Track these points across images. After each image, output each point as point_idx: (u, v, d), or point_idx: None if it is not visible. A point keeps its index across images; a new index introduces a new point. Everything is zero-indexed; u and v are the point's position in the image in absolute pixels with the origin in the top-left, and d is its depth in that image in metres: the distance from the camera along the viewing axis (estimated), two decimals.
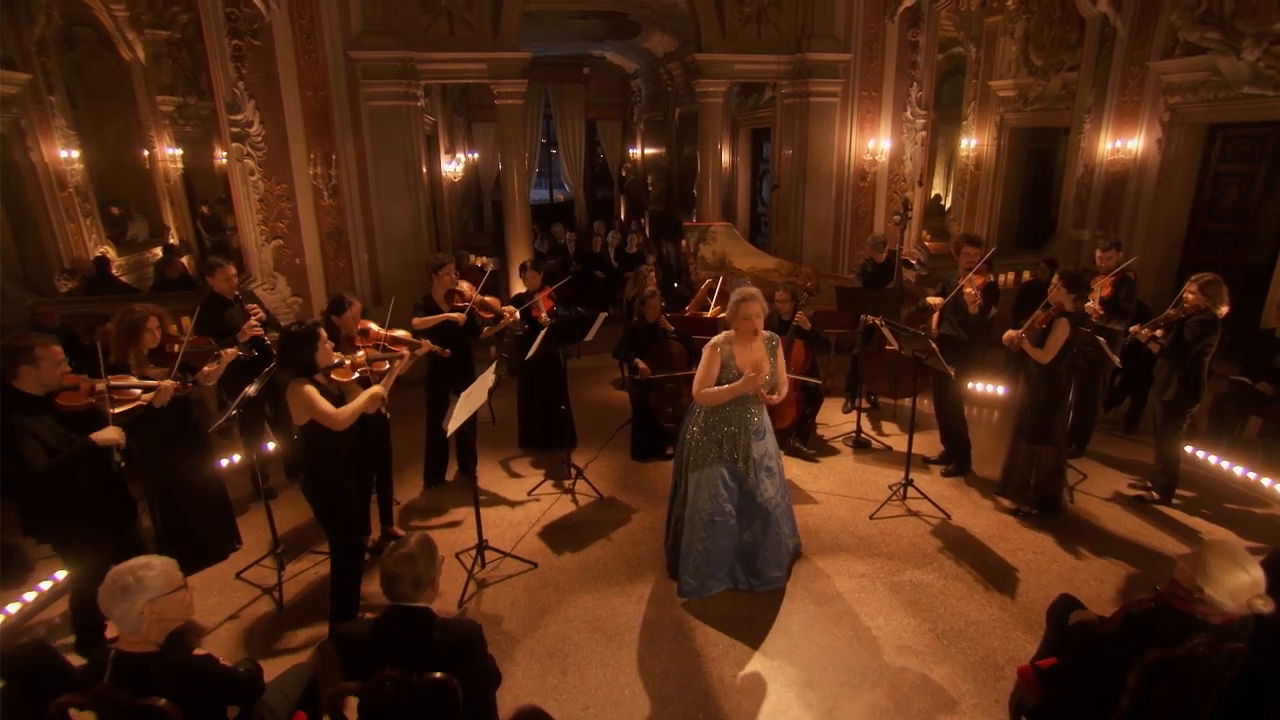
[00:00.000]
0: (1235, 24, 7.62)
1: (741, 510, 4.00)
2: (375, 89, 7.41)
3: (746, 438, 3.90)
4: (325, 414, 3.47)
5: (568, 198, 18.72)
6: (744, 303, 3.73)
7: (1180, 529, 4.85)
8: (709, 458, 3.94)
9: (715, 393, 3.81)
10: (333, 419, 3.49)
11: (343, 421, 3.52)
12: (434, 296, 5.32)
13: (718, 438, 3.93)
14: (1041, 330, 4.63)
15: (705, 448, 3.95)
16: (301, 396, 3.42)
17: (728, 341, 3.85)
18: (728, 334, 3.87)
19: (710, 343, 3.87)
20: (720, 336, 3.88)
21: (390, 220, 7.89)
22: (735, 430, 3.91)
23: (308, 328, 3.56)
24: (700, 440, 3.97)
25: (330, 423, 3.48)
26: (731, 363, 3.82)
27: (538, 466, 5.95)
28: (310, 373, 3.49)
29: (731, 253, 7.94)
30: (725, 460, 3.93)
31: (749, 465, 3.91)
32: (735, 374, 3.79)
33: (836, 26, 8.05)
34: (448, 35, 7.64)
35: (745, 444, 3.90)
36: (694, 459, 3.98)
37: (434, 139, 11.01)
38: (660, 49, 13.76)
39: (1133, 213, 8.81)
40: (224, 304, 5.09)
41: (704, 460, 3.95)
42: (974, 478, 5.63)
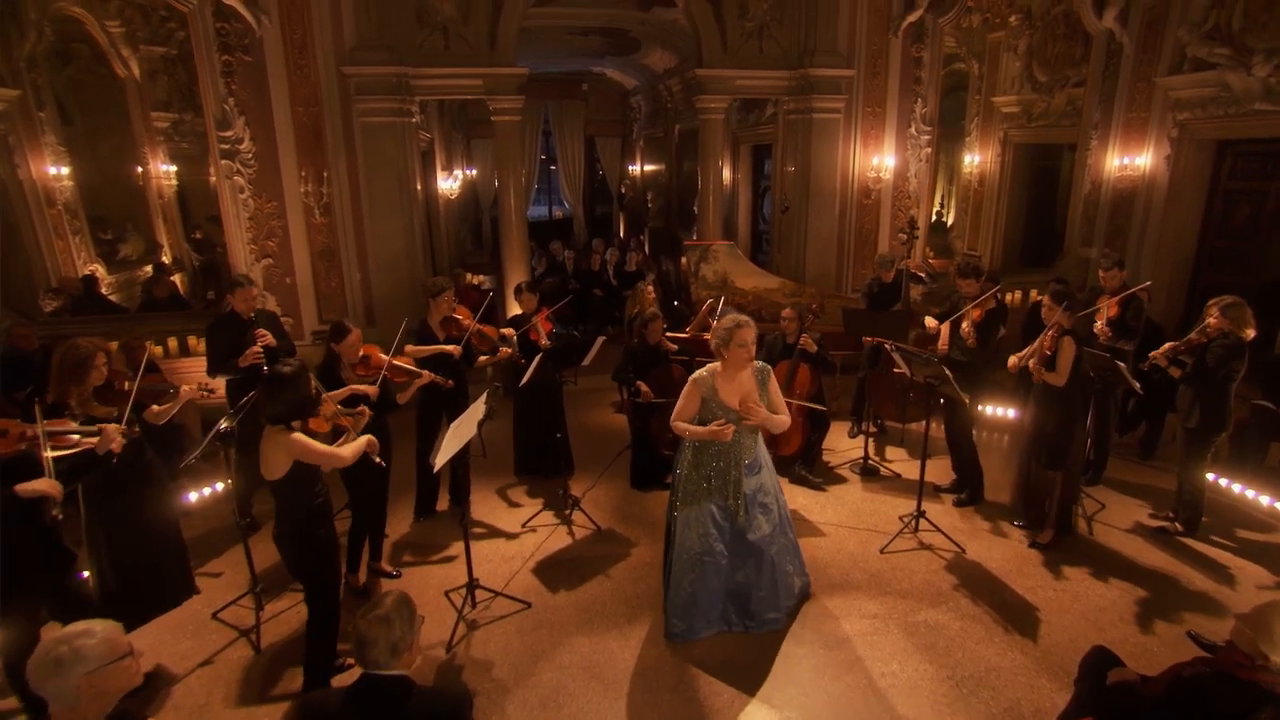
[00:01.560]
0: (1245, 40, 7.48)
1: (734, 550, 3.79)
2: (369, 105, 7.25)
3: (737, 473, 3.70)
4: (329, 455, 3.26)
5: (567, 215, 18.60)
6: (740, 329, 3.53)
7: (1207, 563, 4.61)
8: (697, 494, 3.74)
9: (684, 430, 3.65)
10: (337, 458, 3.28)
11: (349, 458, 3.34)
12: (430, 323, 5.12)
13: (706, 473, 3.73)
14: (1050, 354, 4.43)
15: (694, 483, 3.75)
16: (289, 446, 3.14)
17: (711, 375, 3.65)
18: (713, 367, 3.68)
19: (693, 377, 3.69)
20: (705, 370, 3.69)
21: (383, 238, 7.71)
22: (725, 465, 3.71)
23: (299, 368, 3.26)
24: (689, 475, 3.77)
25: (336, 462, 3.29)
26: (714, 398, 3.63)
27: (534, 495, 5.72)
28: (294, 420, 3.21)
29: (733, 272, 7.75)
30: (715, 497, 3.72)
31: (739, 502, 3.69)
32: (717, 410, 3.61)
33: (839, 42, 7.92)
34: (443, 50, 7.49)
35: (736, 479, 3.69)
36: (683, 495, 3.78)
37: (430, 155, 10.86)
38: (660, 65, 13.67)
39: (1141, 230, 8.63)
40: (238, 324, 4.96)
41: (692, 497, 3.75)
42: (985, 505, 5.41)
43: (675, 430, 3.72)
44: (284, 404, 3.17)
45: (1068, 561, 4.60)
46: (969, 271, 5.19)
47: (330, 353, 4.21)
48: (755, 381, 3.68)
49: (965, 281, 5.18)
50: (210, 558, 4.84)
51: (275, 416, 3.18)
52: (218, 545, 4.96)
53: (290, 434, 3.15)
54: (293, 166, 7.29)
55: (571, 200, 18.03)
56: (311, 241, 7.59)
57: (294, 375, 3.21)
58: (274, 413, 3.18)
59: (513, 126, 8.08)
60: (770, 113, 9.28)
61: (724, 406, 3.61)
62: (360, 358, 4.33)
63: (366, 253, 7.82)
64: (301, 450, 3.16)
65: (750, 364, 3.63)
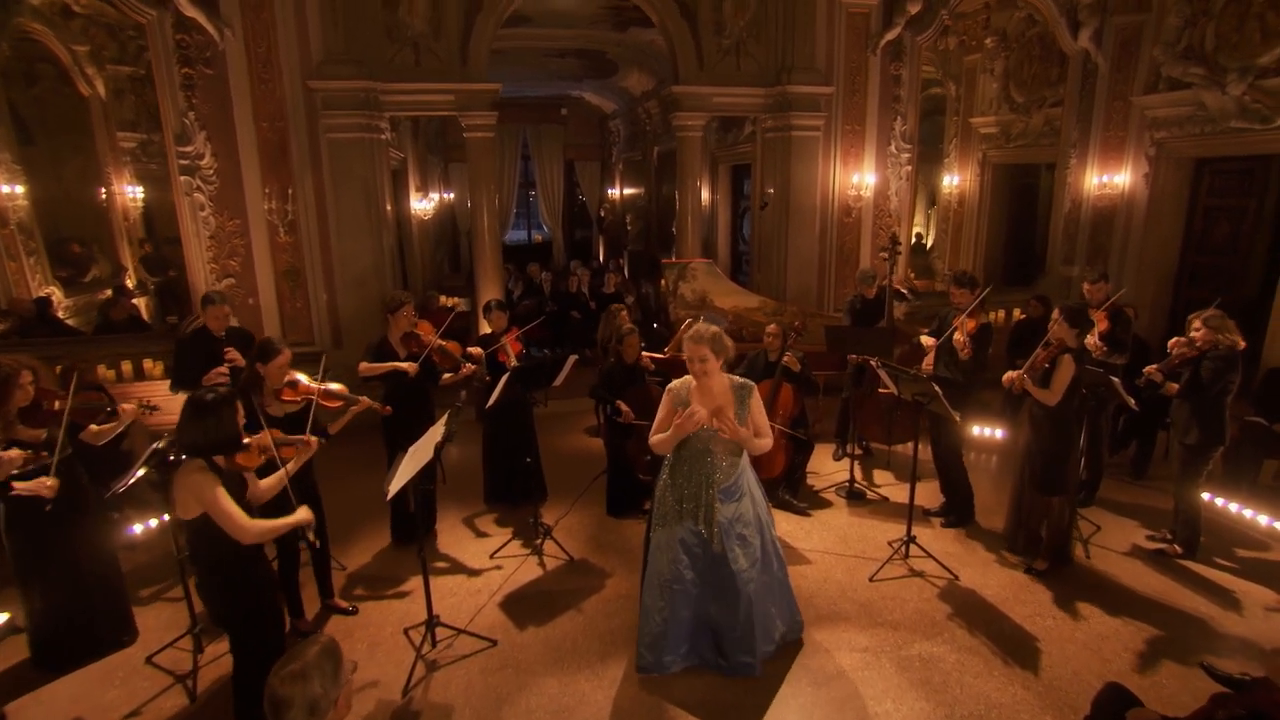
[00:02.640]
0: (1218, 59, 7.51)
1: (706, 579, 3.51)
2: (336, 120, 7.02)
3: (709, 497, 3.44)
4: (233, 523, 2.79)
5: (546, 239, 18.45)
6: (692, 344, 3.32)
7: (1209, 587, 4.41)
8: (670, 516, 3.51)
9: (659, 440, 3.44)
10: (241, 531, 2.81)
11: (252, 537, 2.85)
12: (389, 339, 4.86)
13: (679, 495, 3.50)
14: (1045, 370, 4.24)
15: (668, 504, 3.53)
16: (199, 492, 2.77)
17: (686, 387, 3.45)
18: (689, 378, 3.47)
19: (668, 387, 3.50)
20: (680, 381, 3.49)
21: (350, 257, 7.44)
22: (696, 489, 3.46)
23: (224, 396, 2.88)
24: (663, 496, 3.55)
25: (237, 533, 2.81)
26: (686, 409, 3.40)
27: (504, 524, 5.41)
28: (214, 454, 2.85)
29: (712, 291, 7.56)
30: (687, 521, 3.47)
31: (712, 530, 3.43)
32: None
33: (817, 59, 7.84)
34: (413, 66, 7.31)
35: (708, 504, 3.44)
36: (658, 515, 3.56)
37: (402, 175, 10.65)
38: (638, 88, 13.65)
39: (1122, 248, 8.60)
40: (209, 342, 4.78)
41: (666, 518, 3.52)
42: (977, 530, 5.18)
43: (651, 445, 3.48)
44: (202, 435, 2.80)
45: (1066, 588, 4.37)
46: (964, 281, 5.02)
47: (252, 374, 3.86)
48: (733, 397, 3.44)
49: (959, 291, 5.00)
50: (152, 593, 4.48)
51: (191, 448, 2.82)
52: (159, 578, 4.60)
53: (205, 477, 2.78)
54: (256, 183, 7.03)
55: (551, 224, 17.89)
56: (276, 260, 7.30)
57: (216, 403, 2.83)
58: (189, 443, 2.81)
59: (486, 144, 7.89)
60: (749, 131, 9.19)
61: None
62: (285, 382, 3.98)
63: (333, 272, 7.53)
64: (210, 507, 2.77)
65: (722, 377, 3.40)
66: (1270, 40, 7.11)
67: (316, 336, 7.65)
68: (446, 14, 7.29)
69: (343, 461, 5.13)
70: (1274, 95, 7.07)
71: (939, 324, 5.24)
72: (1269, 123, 7.14)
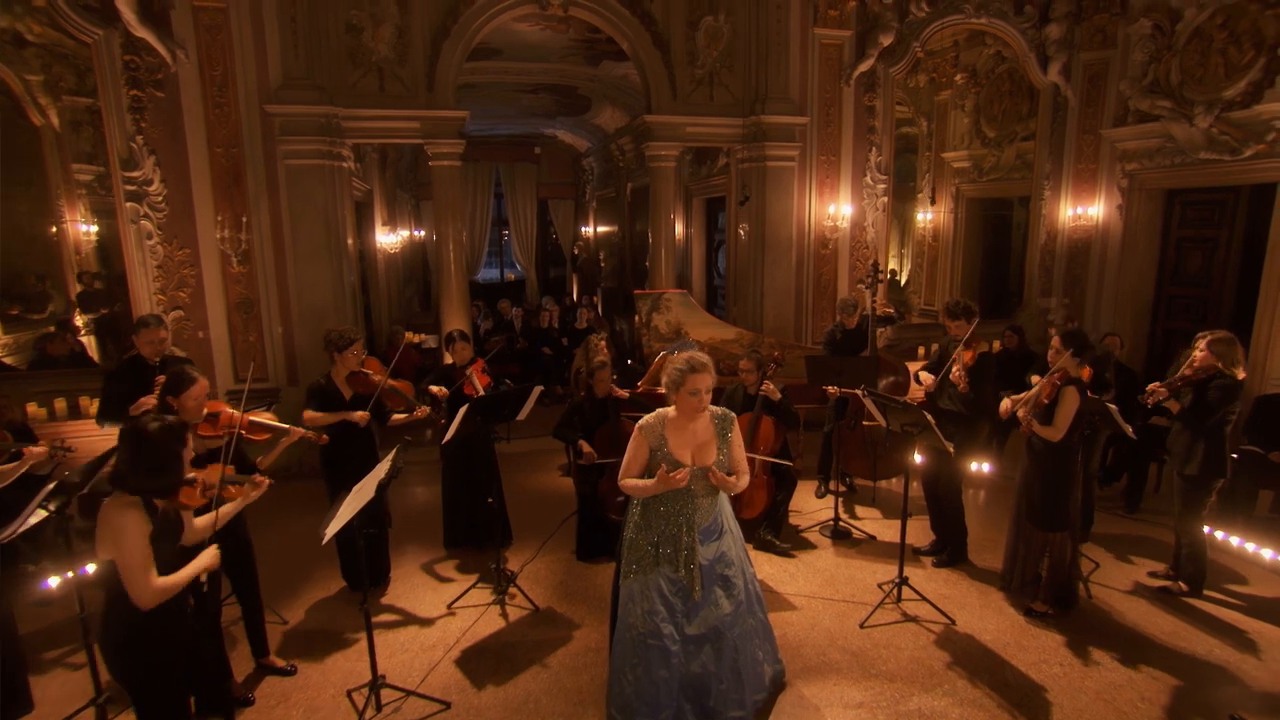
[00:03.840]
0: (1184, 93, 7.57)
1: (686, 631, 3.12)
2: (295, 146, 6.74)
3: (691, 538, 3.09)
4: (137, 581, 2.39)
5: (519, 277, 18.22)
6: (691, 374, 2.96)
7: (1221, 627, 4.13)
8: (645, 562, 3.12)
9: (633, 486, 3.09)
10: (142, 591, 2.40)
11: (152, 598, 2.43)
12: (334, 379, 4.46)
13: (654, 537, 3.12)
14: (1047, 404, 3.99)
15: (640, 549, 3.13)
16: (119, 532, 2.38)
17: (660, 422, 3.09)
18: (663, 412, 3.12)
19: (639, 424, 3.12)
20: (653, 416, 3.12)
21: (308, 288, 7.08)
22: (676, 530, 3.10)
23: (170, 425, 2.53)
24: (635, 539, 3.16)
25: (137, 593, 2.40)
26: (664, 448, 3.06)
27: (465, 571, 4.99)
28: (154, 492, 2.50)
29: (688, 322, 7.30)
30: (664, 567, 3.10)
31: (693, 575, 3.07)
32: (667, 464, 3.02)
33: (791, 89, 7.77)
34: (377, 92, 7.08)
35: (689, 546, 3.08)
36: (628, 562, 3.16)
37: (367, 207, 10.36)
38: (611, 125, 13.61)
39: (1098, 280, 8.55)
40: (141, 370, 4.30)
41: (639, 565, 3.13)
42: (971, 569, 4.89)
43: (623, 488, 3.14)
44: (143, 470, 2.45)
45: (1070, 632, 4.07)
46: (957, 311, 4.79)
47: (167, 409, 3.42)
48: (714, 431, 3.13)
49: (955, 323, 4.77)
50: (56, 656, 3.99)
51: (128, 484, 2.45)
52: (69, 638, 4.11)
53: (132, 518, 2.41)
54: (209, 211, 6.68)
55: (524, 263, 17.69)
56: (228, 292, 6.92)
57: (161, 433, 2.48)
58: (126, 478, 2.45)
59: (452, 173, 7.65)
60: (723, 163, 9.08)
61: (673, 460, 3.05)
62: (205, 416, 3.58)
63: (289, 304, 7.16)
64: (121, 554, 2.38)
65: (706, 411, 3.08)
66: (1234, 74, 7.18)
67: (271, 372, 7.24)
68: (412, 40, 7.10)
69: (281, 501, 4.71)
70: (1241, 127, 7.11)
71: (938, 356, 5.02)
72: (1238, 154, 7.17)
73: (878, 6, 7.71)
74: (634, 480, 3.09)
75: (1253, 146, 7.03)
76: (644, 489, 3.04)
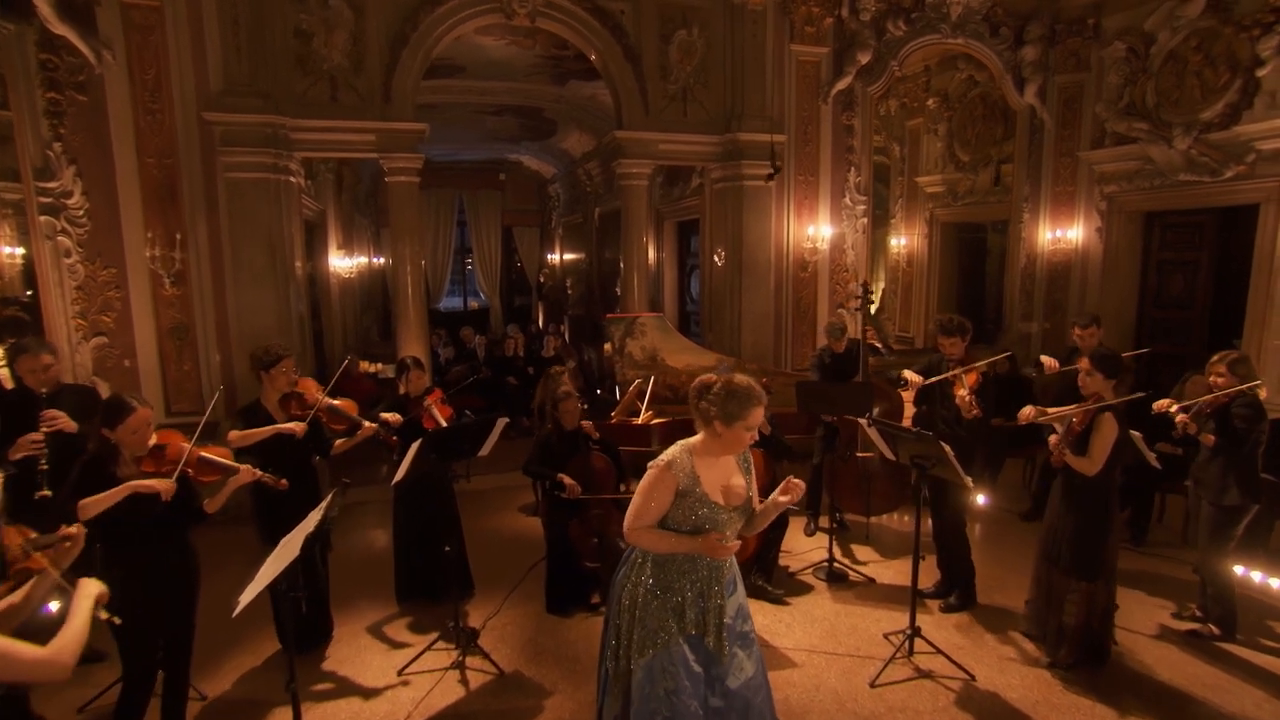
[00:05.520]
0: (1161, 115, 7.49)
1: (711, 704, 2.58)
2: (237, 158, 6.18)
3: (720, 593, 2.57)
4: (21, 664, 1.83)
5: (483, 305, 17.67)
6: (757, 406, 2.46)
7: (1265, 677, 3.75)
8: (665, 631, 2.54)
9: (655, 540, 2.52)
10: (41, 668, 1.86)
11: (62, 666, 1.88)
12: (263, 403, 3.93)
13: (678, 600, 2.55)
14: (1080, 433, 3.61)
15: (659, 615, 2.54)
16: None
17: (689, 456, 2.52)
18: (688, 445, 2.56)
19: (662, 461, 2.51)
20: (678, 450, 2.53)
21: (250, 311, 6.47)
22: (704, 586, 2.56)
23: None
24: (650, 603, 2.56)
25: (38, 673, 1.88)
26: (696, 488, 2.50)
27: (420, 629, 4.39)
28: None
29: (664, 348, 6.86)
30: (688, 632, 2.55)
31: (721, 639, 2.54)
32: (699, 507, 2.49)
33: (768, 107, 7.48)
34: (329, 101, 6.58)
35: (718, 606, 2.56)
36: (642, 633, 2.55)
37: (320, 228, 9.78)
38: (578, 149, 13.29)
39: (1079, 302, 8.36)
40: (25, 402, 3.73)
41: (657, 635, 2.53)
42: (982, 612, 4.46)
43: (635, 541, 2.57)
44: None
45: (1103, 689, 3.64)
46: (952, 328, 4.43)
47: (103, 443, 2.93)
48: (737, 463, 2.64)
49: (949, 340, 4.41)
50: None
51: None
52: None
53: None
54: (138, 227, 6.06)
55: (488, 291, 17.16)
56: (160, 316, 6.27)
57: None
58: None
59: (409, 190, 7.15)
60: (696, 184, 8.76)
61: (708, 501, 2.51)
62: (151, 449, 3.06)
63: (229, 330, 6.53)
64: None
65: None
66: (1210, 96, 7.12)
67: (207, 404, 6.57)
68: (368, 48, 6.64)
69: (217, 547, 4.08)
70: (1220, 148, 7.02)
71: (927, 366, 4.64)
72: (1218, 175, 7.07)
73: (855, 24, 7.51)
74: (654, 533, 2.53)
75: (1233, 168, 6.94)
76: (675, 544, 2.50)
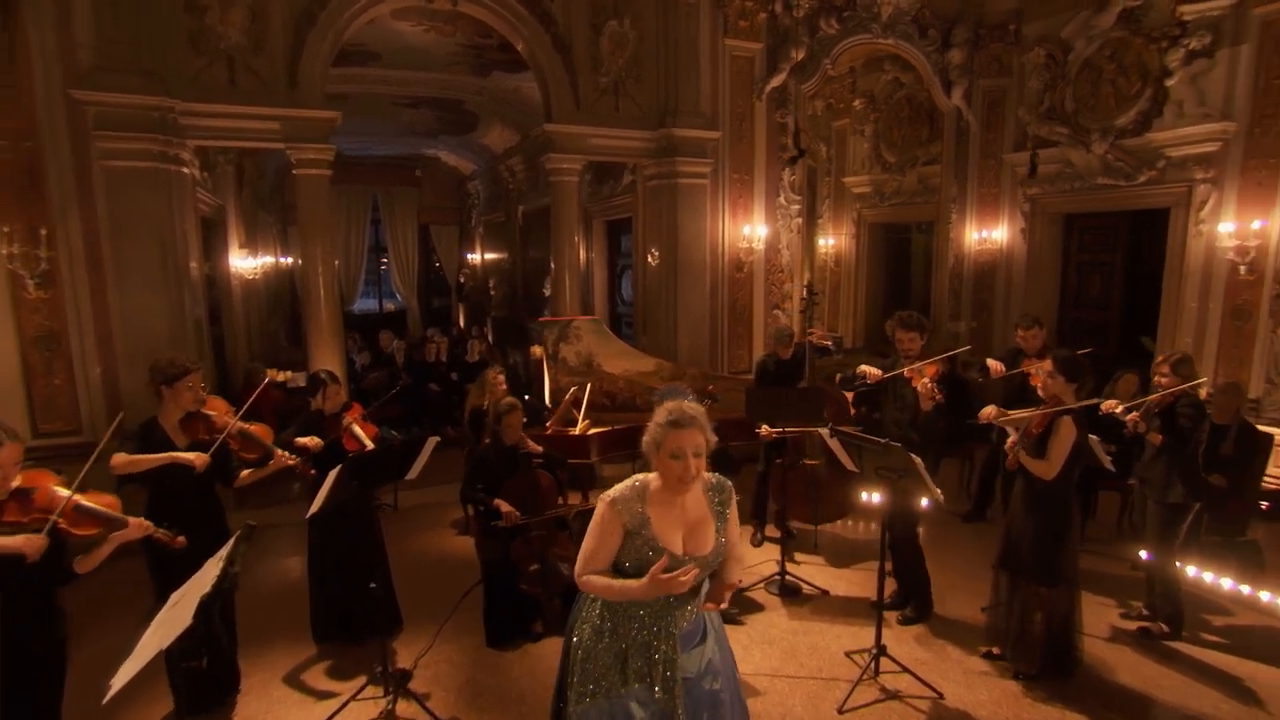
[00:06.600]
0: (1079, 120, 7.72)
1: None
2: (115, 144, 5.47)
3: (670, 647, 2.24)
4: None
5: (400, 307, 16.85)
6: (674, 429, 2.15)
7: (1217, 676, 3.77)
8: (608, 681, 2.24)
9: (603, 587, 2.20)
10: None
11: None
12: (161, 422, 3.39)
13: (621, 646, 2.25)
14: (1037, 436, 3.52)
15: (601, 663, 2.25)
16: None
17: (639, 494, 2.23)
18: (641, 480, 2.26)
19: (609, 497, 2.23)
20: (628, 484, 2.25)
21: (137, 319, 5.75)
22: (648, 638, 2.24)
23: None
24: (594, 650, 2.27)
25: None
26: (645, 530, 2.20)
27: (342, 675, 3.90)
28: None
29: (600, 353, 6.53)
30: (634, 685, 2.24)
31: (674, 695, 2.21)
32: (647, 551, 2.19)
33: (702, 103, 7.28)
34: (227, 85, 5.93)
35: (667, 658, 2.23)
36: (583, 681, 2.25)
37: (219, 226, 8.95)
38: (500, 144, 12.78)
39: (1005, 302, 8.56)
40: None
41: (598, 686, 2.24)
42: (940, 623, 4.34)
43: (586, 587, 2.25)
44: None
45: (1068, 694, 3.57)
46: (913, 324, 4.31)
47: None
48: (708, 506, 2.31)
49: (909, 335, 4.28)
50: None
51: None
52: None
53: None
54: None
55: (404, 292, 16.37)
56: (22, 324, 5.48)
57: None
58: None
59: (319, 184, 6.55)
60: (628, 182, 8.47)
61: (659, 547, 2.19)
62: (13, 492, 2.51)
63: (112, 339, 5.79)
64: None
65: (699, 480, 2.26)
66: (1124, 104, 7.36)
67: (85, 423, 5.82)
68: (270, 27, 6.02)
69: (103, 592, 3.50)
70: (1134, 154, 7.27)
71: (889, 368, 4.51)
72: (1133, 180, 7.32)
73: (789, 20, 7.39)
74: (602, 579, 2.20)
75: (1146, 173, 7.20)
76: (622, 592, 2.17)
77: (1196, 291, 6.85)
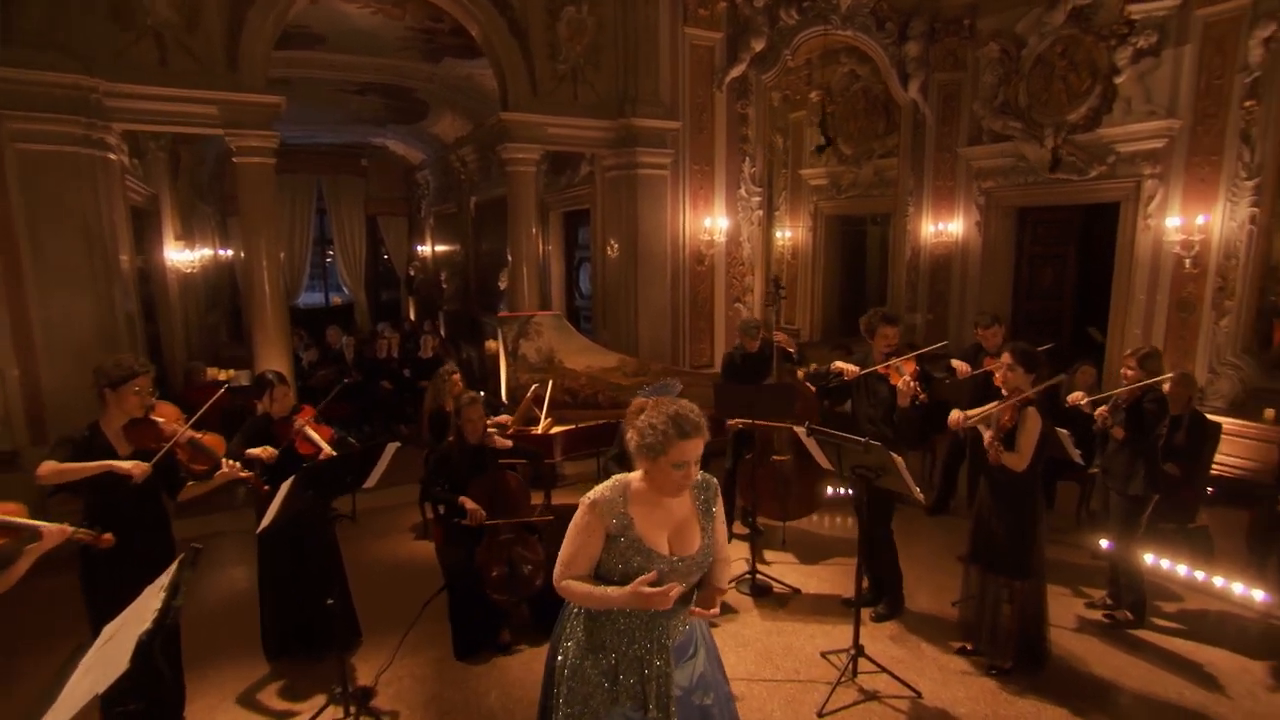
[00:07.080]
0: (1033, 115, 7.83)
1: None
2: (31, 126, 5.04)
3: (664, 662, 2.12)
4: None
5: (347, 301, 16.30)
6: (682, 440, 2.01)
7: (1180, 663, 3.83)
8: (598, 699, 2.10)
9: (583, 594, 2.08)
10: None
11: None
12: (103, 428, 3.10)
13: (611, 660, 2.12)
14: (1008, 430, 3.50)
15: (588, 682, 2.12)
16: None
17: (621, 495, 2.10)
18: (622, 480, 2.14)
19: (589, 499, 2.10)
20: (610, 485, 2.13)
21: (61, 318, 5.34)
22: (640, 654, 2.12)
23: None
24: (580, 668, 2.13)
25: None
26: (629, 533, 2.08)
27: (298, 695, 3.66)
28: None
29: (562, 349, 6.36)
30: (624, 704, 2.10)
31: (669, 713, 2.09)
32: (633, 555, 2.07)
33: (661, 92, 7.14)
34: (157, 65, 5.53)
35: (661, 673, 2.11)
36: (569, 703, 2.12)
37: (153, 216, 8.43)
38: (451, 134, 12.40)
39: (960, 294, 8.66)
40: None
41: (589, 704, 2.11)
42: (911, 619, 4.33)
43: (566, 594, 2.12)
44: None
45: (1043, 687, 3.58)
46: (895, 318, 4.26)
47: None
48: (694, 505, 2.20)
49: (892, 330, 4.21)
50: None
51: None
52: None
53: None
54: None
55: (352, 285, 15.82)
56: None
57: None
58: None
59: (263, 173, 6.19)
60: (586, 172, 8.28)
61: (645, 549, 2.07)
62: None
63: (32, 339, 5.37)
64: None
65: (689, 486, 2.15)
66: (1075, 100, 7.50)
67: (3, 430, 5.40)
68: (204, 2, 5.63)
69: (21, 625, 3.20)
70: (1085, 149, 7.42)
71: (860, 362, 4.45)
72: (1084, 174, 7.47)
73: (749, 10, 7.30)
74: (583, 586, 2.07)
75: (1097, 168, 7.35)
76: (603, 600, 2.04)
77: (1145, 284, 7.03)
